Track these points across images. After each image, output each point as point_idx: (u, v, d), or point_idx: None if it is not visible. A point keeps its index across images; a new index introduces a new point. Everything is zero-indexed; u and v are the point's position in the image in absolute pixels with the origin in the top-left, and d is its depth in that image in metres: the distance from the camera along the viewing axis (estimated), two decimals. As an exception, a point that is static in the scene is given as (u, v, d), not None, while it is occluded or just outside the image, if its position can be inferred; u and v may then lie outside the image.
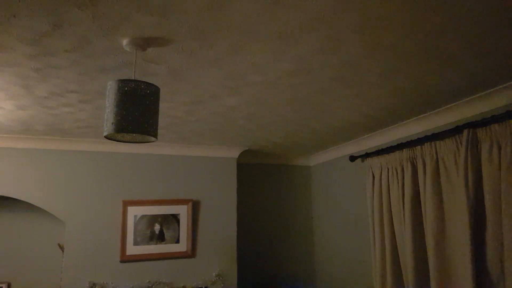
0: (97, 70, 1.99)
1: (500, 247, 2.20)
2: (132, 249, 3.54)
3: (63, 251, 3.48)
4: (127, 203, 3.60)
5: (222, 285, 3.68)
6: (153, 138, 1.67)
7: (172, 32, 1.61)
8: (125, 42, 1.68)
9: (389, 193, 3.10)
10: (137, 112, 1.57)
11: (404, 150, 2.97)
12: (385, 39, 1.69)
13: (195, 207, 3.84)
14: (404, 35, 1.66)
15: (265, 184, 4.56)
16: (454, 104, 2.59)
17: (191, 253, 3.71)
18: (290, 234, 4.55)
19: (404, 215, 2.90)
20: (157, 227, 3.66)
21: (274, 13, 1.47)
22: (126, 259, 3.51)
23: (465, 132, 2.42)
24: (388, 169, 3.13)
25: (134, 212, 3.62)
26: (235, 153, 4.03)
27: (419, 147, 2.84)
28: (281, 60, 1.90)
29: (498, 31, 1.63)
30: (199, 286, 3.66)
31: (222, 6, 1.42)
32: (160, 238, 3.65)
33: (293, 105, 2.64)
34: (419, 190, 2.83)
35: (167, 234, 3.68)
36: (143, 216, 3.63)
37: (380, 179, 3.21)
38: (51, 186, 3.44)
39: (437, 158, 2.68)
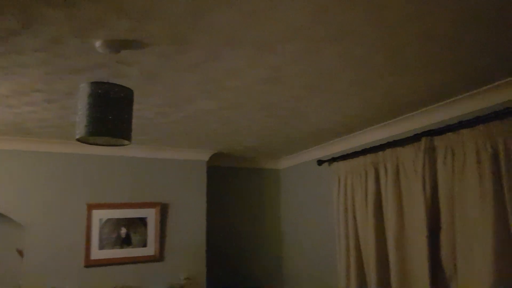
0: (67, 70, 1.97)
1: (453, 246, 2.36)
2: (97, 254, 3.47)
3: (22, 257, 3.36)
4: (92, 206, 3.53)
5: (190, 288, 3.69)
6: (126, 142, 1.68)
7: (148, 36, 1.62)
8: (98, 43, 1.68)
9: (353, 196, 3.23)
10: (110, 115, 1.57)
11: (368, 155, 3.11)
12: (357, 51, 1.80)
13: (164, 210, 3.81)
14: (374, 48, 1.77)
15: (234, 187, 4.60)
16: (414, 113, 2.76)
17: (159, 257, 3.68)
18: (259, 237, 4.60)
19: (367, 217, 3.03)
20: (123, 230, 3.61)
21: (253, 22, 1.53)
22: (90, 264, 3.43)
23: (423, 139, 2.58)
24: (353, 173, 3.26)
25: (99, 215, 3.55)
26: (205, 156, 4.04)
27: (381, 152, 2.99)
28: (258, 67, 1.96)
29: (456, 49, 1.78)
30: (167, 290, 3.64)
31: (202, 13, 1.46)
32: (126, 242, 3.60)
33: (267, 111, 2.70)
34: (381, 193, 2.97)
35: (134, 238, 3.64)
36: (108, 220, 3.57)
37: (345, 182, 3.34)
38: (10, 188, 3.31)
39: (397, 163, 2.83)
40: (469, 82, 2.20)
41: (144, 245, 3.66)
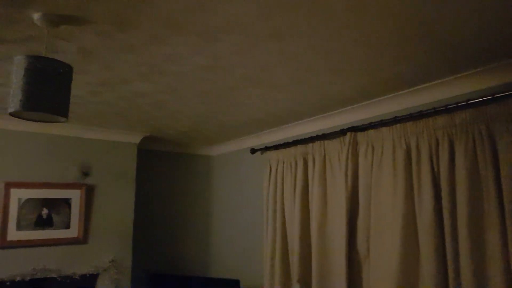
0: (-5, 40, 1.85)
1: (368, 232, 2.64)
2: (14, 234, 3.27)
3: None
4: (10, 185, 3.31)
5: (115, 271, 3.63)
6: (63, 119, 1.64)
7: (91, 14, 1.59)
8: (36, 16, 1.61)
9: (283, 185, 3.42)
10: (48, 90, 1.53)
11: (298, 146, 3.30)
12: (295, 49, 1.92)
13: (89, 192, 3.69)
14: (311, 49, 1.91)
15: (165, 171, 4.57)
16: (342, 110, 2.99)
17: (83, 239, 3.57)
18: (189, 222, 4.64)
19: (294, 203, 3.24)
20: (45, 211, 3.44)
21: (198, 12, 1.58)
22: (7, 245, 3.23)
23: (348, 134, 2.82)
24: (283, 162, 3.45)
25: (18, 194, 3.34)
26: (136, 139, 3.97)
27: (310, 144, 3.20)
28: (198, 55, 2.00)
29: (381, 56, 1.98)
30: (91, 273, 3.55)
31: (149, -2, 1.47)
32: (48, 223, 3.44)
33: (203, 97, 2.75)
34: (308, 182, 3.19)
35: (57, 219, 3.48)
36: (29, 200, 3.38)
37: (276, 171, 3.51)
38: None
39: (324, 155, 3.06)
40: (390, 85, 2.45)
41: (67, 227, 3.53)
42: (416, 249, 2.34)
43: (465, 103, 2.19)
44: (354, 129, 2.81)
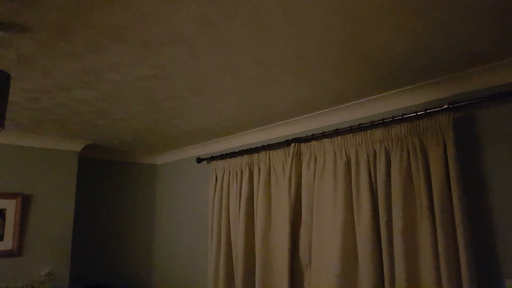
0: None
1: (310, 240, 2.71)
2: None
3: None
4: None
5: (52, 284, 3.44)
6: (-3, 128, 1.55)
7: (31, 22, 1.54)
8: (-32, 21, 1.52)
9: (228, 194, 3.43)
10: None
11: (244, 156, 3.33)
12: (236, 62, 1.96)
13: (26, 202, 3.49)
14: (252, 61, 1.95)
15: (108, 180, 4.41)
16: (286, 121, 3.07)
17: (17, 252, 3.36)
18: (132, 233, 4.50)
19: (239, 212, 3.25)
20: (-26, 223, 3.20)
21: (141, 23, 1.57)
22: None
23: (292, 145, 2.90)
24: (229, 172, 3.46)
25: None
26: (77, 147, 3.81)
27: (256, 154, 3.24)
28: (142, 64, 1.98)
29: (318, 71, 2.06)
30: (25, 287, 3.34)
31: (90, 7, 1.44)
32: (-23, 236, 3.20)
33: (147, 106, 2.71)
34: (253, 191, 3.22)
35: (-13, 231, 3.26)
36: (-44, 211, 3.13)
37: (222, 180, 3.52)
38: None
39: (269, 165, 3.11)
40: (330, 99, 2.55)
41: (1, 239, 3.31)
42: (355, 256, 2.43)
43: (400, 117, 2.32)
44: (298, 140, 2.89)
